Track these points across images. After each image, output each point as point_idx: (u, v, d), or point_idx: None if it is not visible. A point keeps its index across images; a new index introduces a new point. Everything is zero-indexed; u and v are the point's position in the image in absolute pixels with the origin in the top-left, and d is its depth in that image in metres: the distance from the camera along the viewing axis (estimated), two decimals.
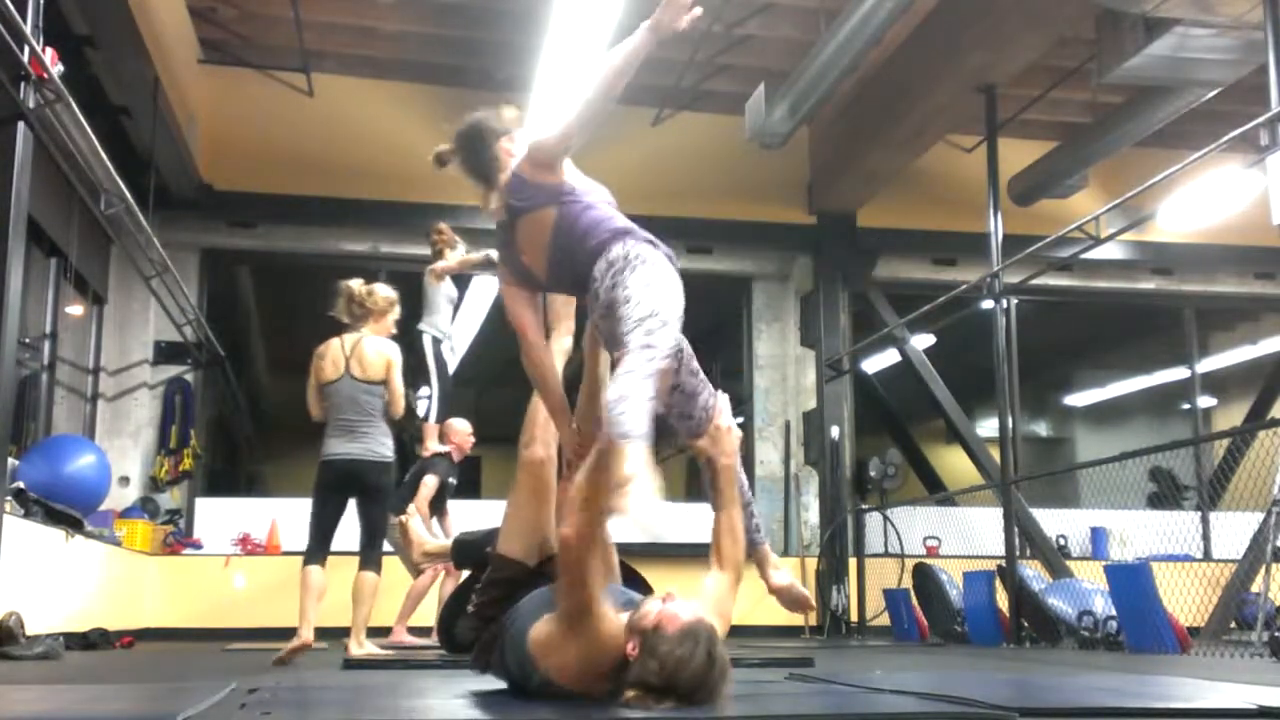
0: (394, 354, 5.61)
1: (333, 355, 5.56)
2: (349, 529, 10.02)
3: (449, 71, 10.08)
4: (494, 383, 11.97)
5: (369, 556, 5.63)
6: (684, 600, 2.57)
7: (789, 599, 3.28)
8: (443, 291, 7.14)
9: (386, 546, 5.88)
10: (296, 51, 9.32)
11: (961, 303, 8.99)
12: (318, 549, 5.49)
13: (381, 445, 5.54)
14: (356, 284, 5.73)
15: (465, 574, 3.30)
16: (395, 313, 5.75)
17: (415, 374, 6.70)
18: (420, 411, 6.84)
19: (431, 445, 6.81)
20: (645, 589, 3.02)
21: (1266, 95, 5.86)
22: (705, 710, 2.42)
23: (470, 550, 3.18)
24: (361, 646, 5.58)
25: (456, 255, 6.91)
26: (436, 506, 6.87)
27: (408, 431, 7.06)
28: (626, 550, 3.14)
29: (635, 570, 3.10)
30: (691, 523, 11.18)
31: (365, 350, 5.57)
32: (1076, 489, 10.75)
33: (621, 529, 2.42)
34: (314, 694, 3.21)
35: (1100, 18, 7.63)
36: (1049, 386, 14.40)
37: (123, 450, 9.58)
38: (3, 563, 5.15)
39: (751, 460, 10.95)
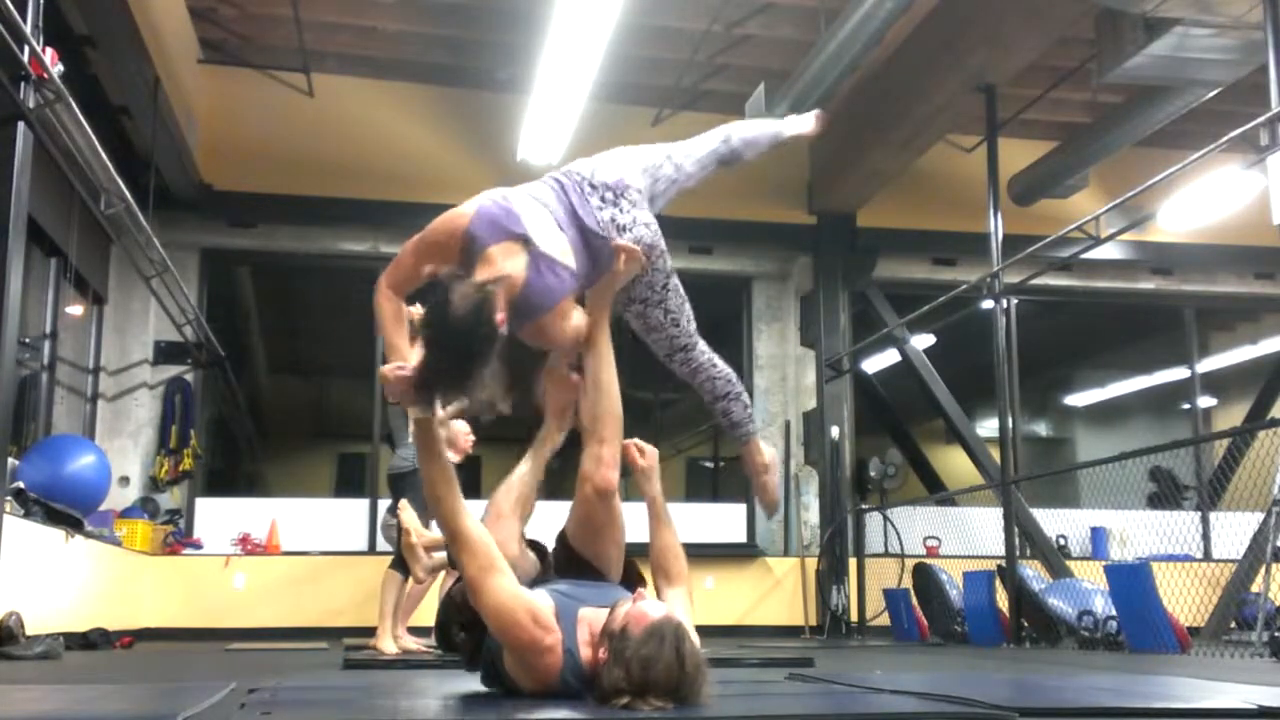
0: None
1: None
2: (351, 531, 10.01)
3: (449, 71, 10.08)
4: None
5: (395, 556, 6.02)
6: (653, 599, 2.55)
7: (759, 484, 3.48)
8: None
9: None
10: (296, 51, 9.32)
11: (961, 303, 8.99)
12: None
13: (397, 457, 6.14)
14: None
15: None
16: None
17: None
18: None
19: None
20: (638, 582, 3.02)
21: (1266, 95, 5.86)
22: (691, 709, 2.41)
23: None
24: (379, 643, 5.65)
25: None
26: None
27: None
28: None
29: (636, 567, 3.09)
30: (689, 523, 11.15)
31: None
32: (1076, 489, 10.74)
33: None
34: (314, 694, 3.21)
35: (1100, 18, 7.63)
36: (1049, 386, 14.40)
37: (123, 450, 9.58)
38: (3, 563, 5.15)
39: None
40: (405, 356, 2.76)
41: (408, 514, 5.58)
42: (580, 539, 2.91)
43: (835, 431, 10.30)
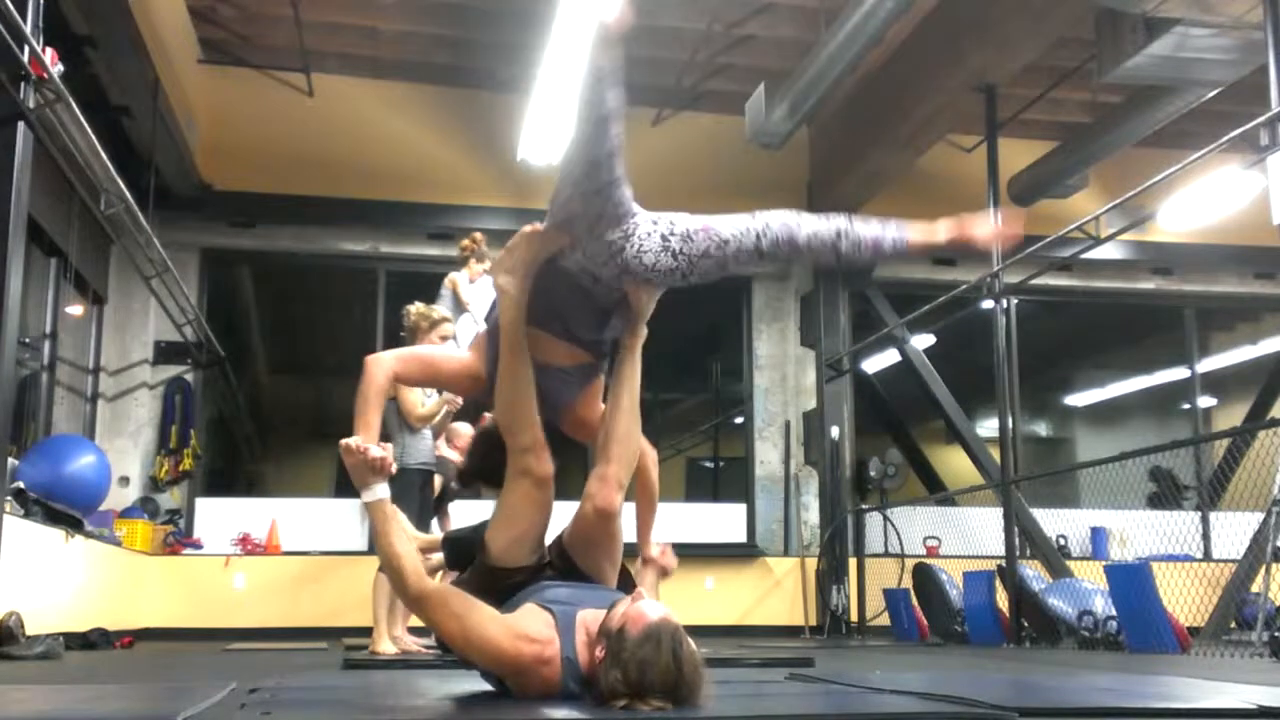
0: None
1: None
2: (351, 531, 10.01)
3: (449, 71, 10.09)
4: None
5: None
6: (651, 600, 2.56)
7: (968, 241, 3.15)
8: (451, 299, 7.23)
9: None
10: (296, 51, 9.33)
11: (961, 303, 8.99)
12: None
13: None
14: (413, 305, 5.91)
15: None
16: (441, 329, 5.85)
17: None
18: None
19: (442, 448, 6.81)
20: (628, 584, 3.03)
21: (1266, 95, 5.86)
22: (691, 709, 2.40)
23: (462, 547, 3.18)
24: (376, 645, 5.64)
25: (482, 267, 7.09)
26: (437, 508, 6.86)
27: None
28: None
29: (629, 573, 3.10)
30: (689, 523, 11.13)
31: None
32: (1076, 489, 10.74)
33: None
34: (314, 694, 3.21)
35: (1100, 18, 7.63)
36: (1049, 386, 14.39)
37: (123, 450, 9.58)
38: (3, 563, 5.15)
39: (751, 460, 10.96)
40: (371, 433, 2.90)
41: (399, 519, 5.57)
42: (577, 551, 2.91)
43: (835, 431, 10.30)
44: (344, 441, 2.78)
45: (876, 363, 12.22)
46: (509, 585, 2.82)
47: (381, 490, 2.76)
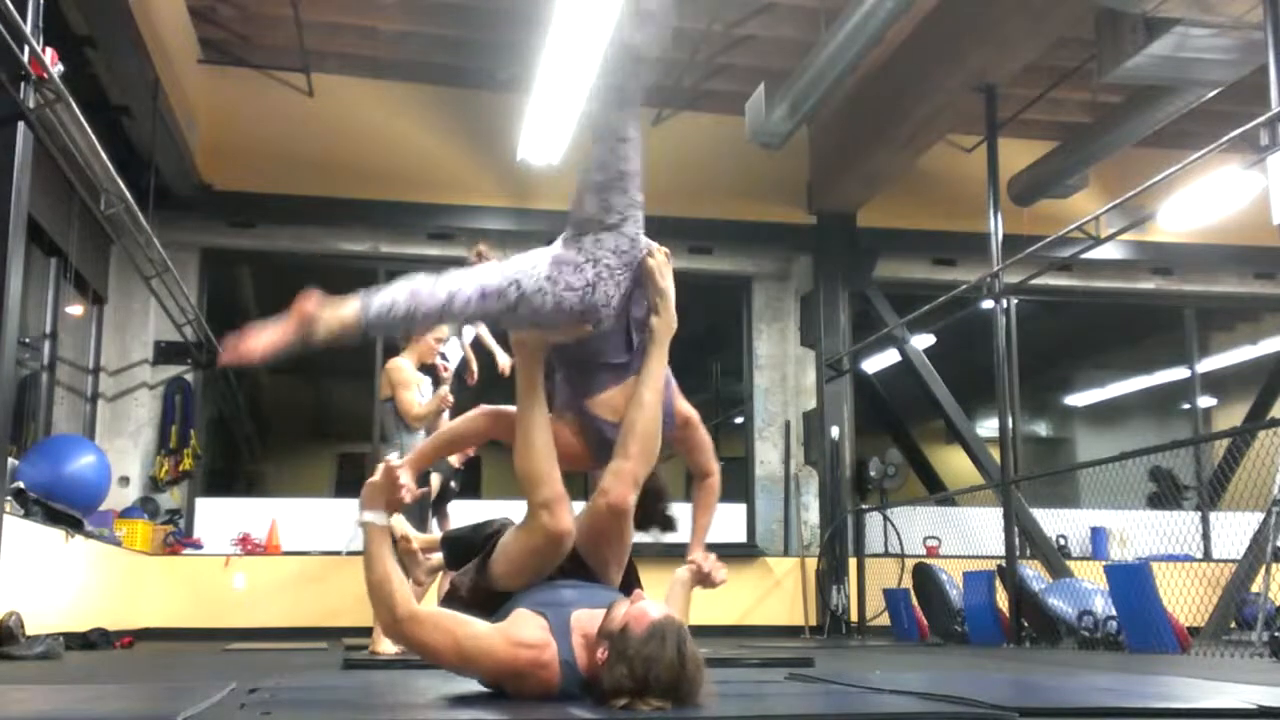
0: (395, 374, 5.87)
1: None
2: (351, 531, 9.96)
3: (449, 71, 10.09)
4: (494, 384, 11.94)
5: None
6: (651, 600, 2.56)
7: None
8: None
9: None
10: (296, 51, 9.33)
11: (961, 303, 8.99)
12: None
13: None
14: None
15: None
16: (436, 331, 5.88)
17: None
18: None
19: None
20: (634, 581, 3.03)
21: (1266, 95, 5.86)
22: (690, 708, 2.41)
23: (461, 547, 3.18)
24: (376, 645, 5.64)
25: None
26: (436, 508, 6.86)
27: None
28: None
29: (635, 569, 3.09)
30: (689, 523, 11.09)
31: (386, 370, 5.98)
32: (1076, 489, 10.74)
33: None
34: (314, 694, 3.21)
35: (1100, 18, 7.63)
36: (1049, 386, 14.39)
37: (123, 450, 9.58)
38: (3, 563, 5.15)
39: (751, 460, 10.96)
40: (419, 468, 3.01)
41: (397, 520, 5.55)
42: (583, 545, 2.90)
43: (835, 431, 10.30)
44: (388, 462, 2.81)
45: (876, 363, 12.22)
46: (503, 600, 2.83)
47: (385, 517, 2.77)
